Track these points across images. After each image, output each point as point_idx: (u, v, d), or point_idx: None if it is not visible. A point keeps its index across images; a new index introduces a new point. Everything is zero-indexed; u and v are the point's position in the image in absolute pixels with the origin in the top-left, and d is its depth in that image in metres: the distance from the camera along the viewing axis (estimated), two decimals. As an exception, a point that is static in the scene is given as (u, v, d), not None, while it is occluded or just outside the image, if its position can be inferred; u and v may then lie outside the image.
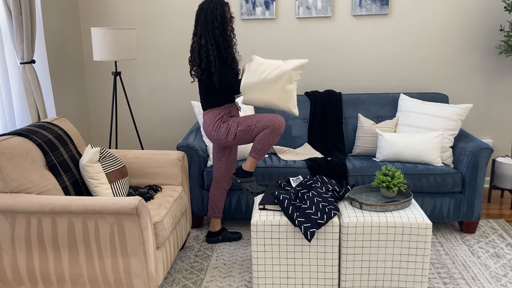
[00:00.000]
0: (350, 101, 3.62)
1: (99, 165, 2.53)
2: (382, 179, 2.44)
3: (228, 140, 2.76)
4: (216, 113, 2.78)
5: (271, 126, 2.67)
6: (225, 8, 2.69)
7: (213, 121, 2.78)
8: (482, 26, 3.71)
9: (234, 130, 2.72)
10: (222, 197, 3.02)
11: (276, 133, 2.69)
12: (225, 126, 2.75)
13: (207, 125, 2.82)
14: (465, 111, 3.26)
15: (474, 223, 3.15)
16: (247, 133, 2.71)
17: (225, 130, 2.75)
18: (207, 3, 2.68)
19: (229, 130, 2.74)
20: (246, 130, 2.70)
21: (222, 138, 2.78)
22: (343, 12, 3.75)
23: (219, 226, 3.11)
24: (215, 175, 3.01)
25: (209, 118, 2.80)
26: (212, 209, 3.04)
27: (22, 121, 3.19)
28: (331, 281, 2.39)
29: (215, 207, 3.03)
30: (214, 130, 2.78)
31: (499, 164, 3.56)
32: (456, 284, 2.58)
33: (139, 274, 2.18)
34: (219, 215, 3.05)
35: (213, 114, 2.79)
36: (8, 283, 2.28)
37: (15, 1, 2.87)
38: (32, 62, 3.08)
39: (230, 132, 2.73)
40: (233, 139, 2.74)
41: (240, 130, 2.71)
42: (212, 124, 2.78)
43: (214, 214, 3.04)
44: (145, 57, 3.96)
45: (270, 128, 2.67)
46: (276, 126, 2.67)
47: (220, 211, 3.04)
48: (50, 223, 2.15)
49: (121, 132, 4.15)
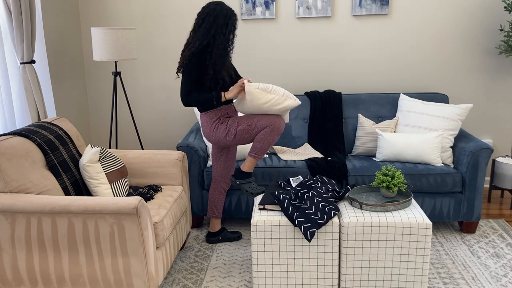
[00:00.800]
0: (350, 101, 3.62)
1: (99, 165, 2.53)
2: (382, 179, 2.44)
3: (227, 140, 2.76)
4: (212, 115, 2.77)
5: (271, 125, 2.67)
6: (236, 20, 2.71)
7: (210, 123, 2.78)
8: (482, 26, 3.71)
9: (234, 130, 2.72)
10: (221, 197, 3.02)
11: (277, 132, 2.69)
12: (224, 126, 2.75)
13: (205, 127, 2.81)
14: (465, 111, 3.26)
15: (474, 223, 3.15)
16: (248, 132, 2.71)
17: (224, 130, 2.75)
18: (220, 6, 2.65)
19: (228, 130, 2.74)
20: (247, 129, 2.70)
21: (221, 139, 2.77)
22: (343, 12, 3.75)
23: (219, 226, 3.11)
24: (214, 176, 3.01)
25: (206, 119, 2.79)
26: (211, 210, 3.04)
27: (22, 121, 3.19)
28: (331, 281, 2.39)
29: (214, 207, 3.03)
30: (212, 131, 2.78)
31: (499, 164, 3.56)
32: (456, 284, 2.58)
33: (139, 274, 2.18)
34: (219, 215, 3.05)
35: (210, 116, 2.78)
36: (8, 283, 2.28)
37: (15, 1, 2.87)
38: (32, 62, 3.08)
39: (230, 132, 2.73)
40: (233, 139, 2.74)
41: (241, 129, 2.71)
42: (210, 125, 2.78)
43: (213, 214, 3.04)
44: (145, 57, 3.96)
45: (270, 127, 2.67)
46: (277, 125, 2.68)
47: (219, 211, 3.04)
48: (50, 223, 2.15)
49: (121, 132, 4.15)
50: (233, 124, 2.73)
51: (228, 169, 2.99)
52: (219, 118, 2.77)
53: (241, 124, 2.71)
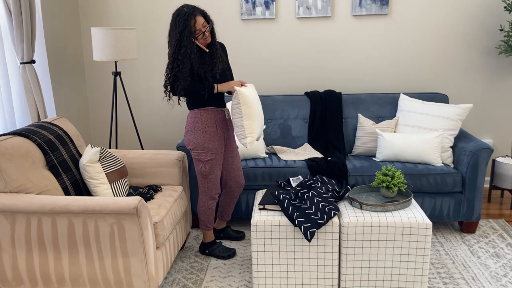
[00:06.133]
0: (350, 101, 3.62)
1: (99, 165, 2.53)
2: (382, 179, 2.44)
3: (194, 155, 2.68)
4: (197, 114, 2.63)
5: (208, 194, 2.74)
6: (188, 17, 2.46)
7: (191, 124, 2.64)
8: (482, 26, 3.71)
9: (202, 162, 2.67)
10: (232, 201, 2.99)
11: (210, 203, 2.77)
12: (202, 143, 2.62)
13: (188, 124, 2.67)
14: (465, 111, 3.26)
15: (474, 223, 3.15)
16: (200, 175, 2.71)
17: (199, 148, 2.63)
18: (176, 12, 2.51)
19: (199, 154, 2.64)
20: (203, 173, 2.69)
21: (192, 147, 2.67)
22: (343, 12, 3.75)
23: (222, 225, 3.12)
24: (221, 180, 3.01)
25: (191, 117, 2.65)
26: (220, 214, 3.05)
27: (22, 121, 3.19)
28: (331, 281, 2.39)
29: (224, 211, 3.03)
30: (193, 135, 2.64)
31: (499, 164, 3.56)
32: (456, 284, 2.58)
33: (139, 274, 2.18)
34: (227, 218, 3.06)
35: (195, 115, 2.63)
36: (8, 283, 2.28)
37: (15, 1, 2.87)
38: (32, 62, 3.08)
39: (199, 158, 2.66)
40: (196, 161, 2.70)
41: (202, 169, 2.68)
42: (191, 127, 2.64)
43: (222, 217, 3.06)
44: (145, 57, 3.96)
45: (205, 197, 2.75)
46: (211, 198, 2.75)
47: (228, 214, 3.04)
48: (50, 223, 2.15)
49: (121, 132, 4.14)
50: (210, 159, 2.65)
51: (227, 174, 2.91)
52: (205, 124, 2.62)
53: (207, 166, 2.66)
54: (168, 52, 2.55)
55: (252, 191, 3.19)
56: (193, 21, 2.46)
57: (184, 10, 2.47)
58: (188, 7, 2.48)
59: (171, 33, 2.51)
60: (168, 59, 2.54)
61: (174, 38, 2.48)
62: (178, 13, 2.48)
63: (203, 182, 2.72)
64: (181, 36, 2.46)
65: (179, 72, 2.49)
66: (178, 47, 2.47)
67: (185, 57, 2.47)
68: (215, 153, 2.65)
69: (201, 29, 2.50)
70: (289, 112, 3.60)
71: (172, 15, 2.51)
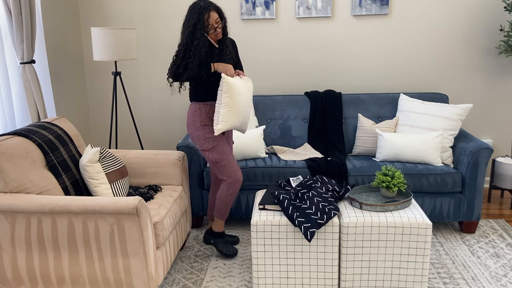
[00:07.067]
0: (350, 101, 3.62)
1: (99, 165, 2.53)
2: (382, 179, 2.44)
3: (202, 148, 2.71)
4: (196, 108, 2.69)
5: (229, 180, 2.69)
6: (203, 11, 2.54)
7: (191, 118, 2.71)
8: (482, 26, 3.71)
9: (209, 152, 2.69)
10: None
11: (232, 190, 2.72)
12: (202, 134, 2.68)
13: (189, 118, 2.73)
14: (465, 111, 3.26)
15: (474, 223, 3.15)
16: (213, 164, 2.71)
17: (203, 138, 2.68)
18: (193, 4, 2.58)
19: (207, 143, 2.68)
20: (214, 161, 2.69)
21: (197, 142, 2.72)
22: (343, 12, 3.75)
23: None
24: (212, 178, 3.01)
25: (190, 111, 2.72)
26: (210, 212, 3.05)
27: (22, 121, 3.19)
28: (331, 281, 2.39)
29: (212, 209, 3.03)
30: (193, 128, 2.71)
31: (499, 164, 3.56)
32: (456, 284, 2.58)
33: (139, 274, 2.18)
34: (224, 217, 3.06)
35: (194, 108, 2.70)
36: (8, 283, 2.28)
37: (15, 1, 2.87)
38: (32, 62, 3.08)
39: (207, 147, 2.69)
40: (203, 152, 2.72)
41: (211, 157, 2.69)
42: (191, 120, 2.71)
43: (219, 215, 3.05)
44: (145, 57, 3.96)
45: (227, 183, 2.70)
46: (233, 183, 2.70)
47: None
48: (50, 223, 2.15)
49: (121, 132, 4.15)
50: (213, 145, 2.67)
51: None
52: (202, 119, 2.67)
53: (213, 153, 2.68)
54: (180, 42, 2.60)
55: (252, 191, 3.19)
56: (206, 15, 2.53)
57: (200, 4, 2.55)
58: (205, 2, 2.56)
59: (185, 24, 2.58)
60: (178, 48, 2.60)
61: (188, 29, 2.55)
62: (194, 6, 2.56)
63: (220, 171, 2.71)
64: (194, 28, 2.53)
65: (191, 63, 2.55)
66: (191, 38, 2.54)
67: (197, 49, 2.54)
68: (216, 140, 2.69)
69: (214, 24, 2.57)
70: (289, 112, 3.61)
71: (189, 7, 2.59)
